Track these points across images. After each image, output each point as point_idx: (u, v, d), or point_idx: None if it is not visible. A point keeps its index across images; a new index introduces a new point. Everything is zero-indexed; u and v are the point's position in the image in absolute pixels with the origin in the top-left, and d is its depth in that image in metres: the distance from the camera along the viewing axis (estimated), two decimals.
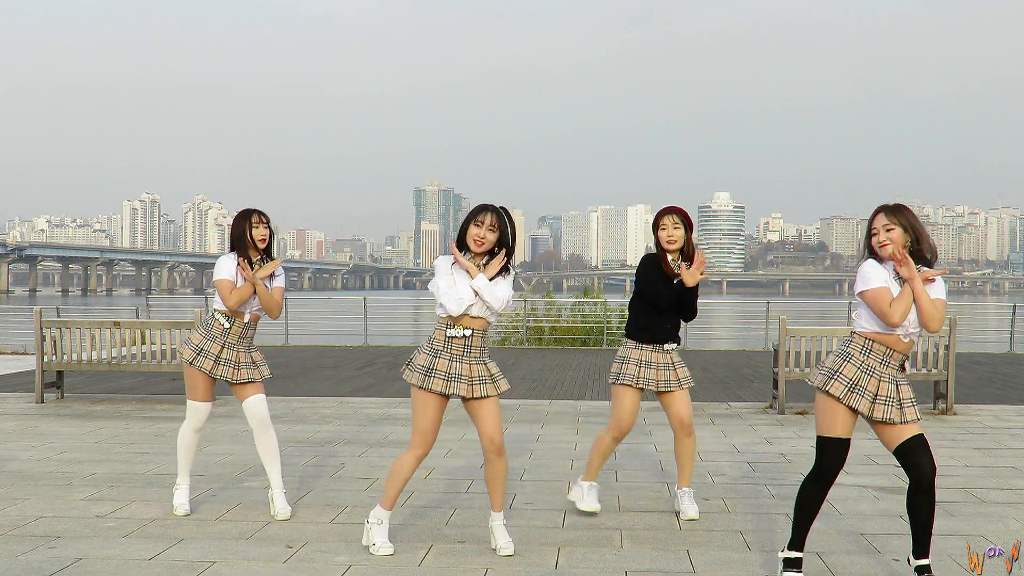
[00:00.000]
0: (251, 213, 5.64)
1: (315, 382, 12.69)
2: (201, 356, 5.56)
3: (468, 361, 4.76)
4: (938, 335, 10.06)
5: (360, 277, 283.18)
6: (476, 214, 4.77)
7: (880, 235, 4.27)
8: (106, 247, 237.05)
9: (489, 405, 4.81)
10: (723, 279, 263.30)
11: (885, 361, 4.26)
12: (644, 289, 5.47)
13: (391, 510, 4.92)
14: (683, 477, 5.66)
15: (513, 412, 9.85)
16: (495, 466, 4.85)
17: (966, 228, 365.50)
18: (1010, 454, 7.69)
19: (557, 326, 21.89)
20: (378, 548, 4.85)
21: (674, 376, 5.52)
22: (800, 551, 4.42)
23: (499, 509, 4.92)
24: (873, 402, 4.22)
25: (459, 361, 4.75)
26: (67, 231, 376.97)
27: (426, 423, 4.78)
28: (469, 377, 4.75)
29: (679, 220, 5.44)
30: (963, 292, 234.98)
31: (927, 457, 4.21)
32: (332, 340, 21.50)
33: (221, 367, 5.57)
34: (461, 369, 4.74)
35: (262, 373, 5.71)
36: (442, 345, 4.77)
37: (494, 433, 4.80)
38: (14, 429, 8.74)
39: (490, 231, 4.73)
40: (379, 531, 4.89)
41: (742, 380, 13.18)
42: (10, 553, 4.87)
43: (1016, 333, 19.60)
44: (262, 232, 5.62)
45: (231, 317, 5.61)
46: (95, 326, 10.72)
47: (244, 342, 5.67)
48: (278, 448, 5.79)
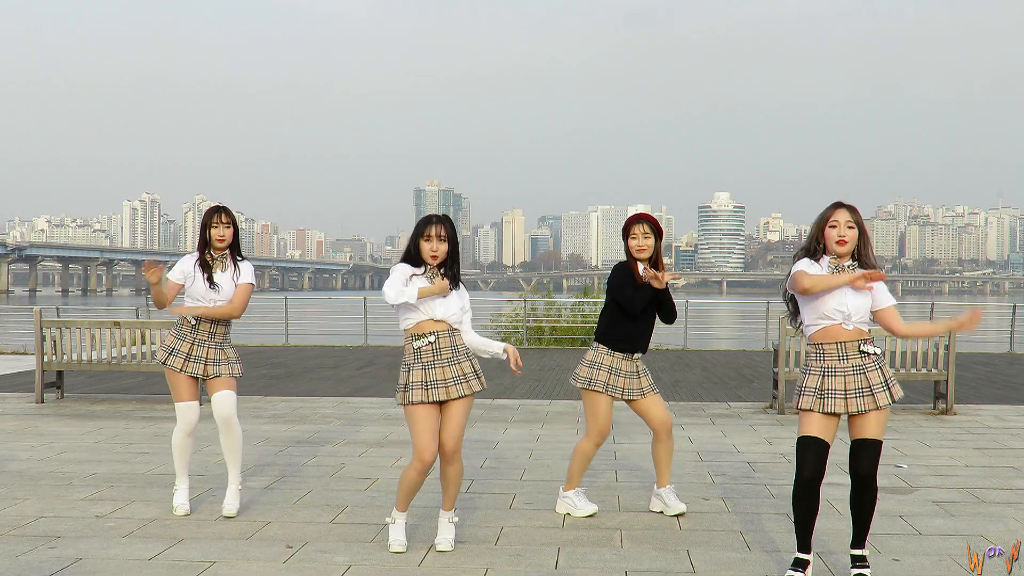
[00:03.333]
0: (213, 212, 5.67)
1: (315, 382, 12.69)
2: (172, 355, 5.60)
3: (441, 365, 4.80)
4: (938, 336, 10.06)
5: (360, 277, 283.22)
6: (423, 229, 4.82)
7: (841, 229, 4.41)
8: (106, 247, 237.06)
9: (456, 407, 4.85)
10: (723, 279, 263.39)
11: (842, 356, 4.37)
12: (617, 296, 5.47)
13: (404, 511, 4.97)
14: (663, 477, 5.69)
15: (513, 412, 9.85)
16: (447, 470, 4.93)
17: (966, 228, 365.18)
18: (1010, 454, 7.69)
19: (557, 326, 21.89)
20: (390, 545, 4.93)
21: (638, 384, 5.54)
22: (806, 553, 4.45)
23: (450, 508, 4.99)
24: (846, 399, 4.34)
25: (431, 368, 4.80)
26: (67, 231, 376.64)
27: (418, 436, 4.80)
28: (444, 380, 4.79)
29: (649, 229, 5.47)
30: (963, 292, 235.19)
31: (869, 461, 4.36)
32: (332, 340, 21.51)
33: (192, 364, 5.58)
34: (435, 375, 4.79)
35: (231, 369, 5.68)
36: (412, 359, 4.84)
37: (447, 440, 4.84)
38: (14, 429, 8.74)
39: (440, 241, 4.81)
40: (392, 529, 4.96)
41: (742, 380, 13.18)
42: (10, 553, 4.87)
43: (1016, 333, 19.60)
44: (220, 232, 5.62)
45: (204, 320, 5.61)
46: (95, 326, 10.72)
47: (214, 339, 5.65)
48: (240, 449, 5.76)
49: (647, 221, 5.50)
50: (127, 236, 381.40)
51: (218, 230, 5.60)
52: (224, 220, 5.62)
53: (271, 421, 9.22)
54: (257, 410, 9.89)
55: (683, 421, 9.31)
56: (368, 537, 5.18)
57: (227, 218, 5.64)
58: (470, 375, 4.86)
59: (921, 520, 5.57)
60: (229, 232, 5.63)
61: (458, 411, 4.85)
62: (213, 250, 5.64)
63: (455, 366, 4.83)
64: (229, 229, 5.63)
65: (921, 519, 5.60)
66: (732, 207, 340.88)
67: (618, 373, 5.48)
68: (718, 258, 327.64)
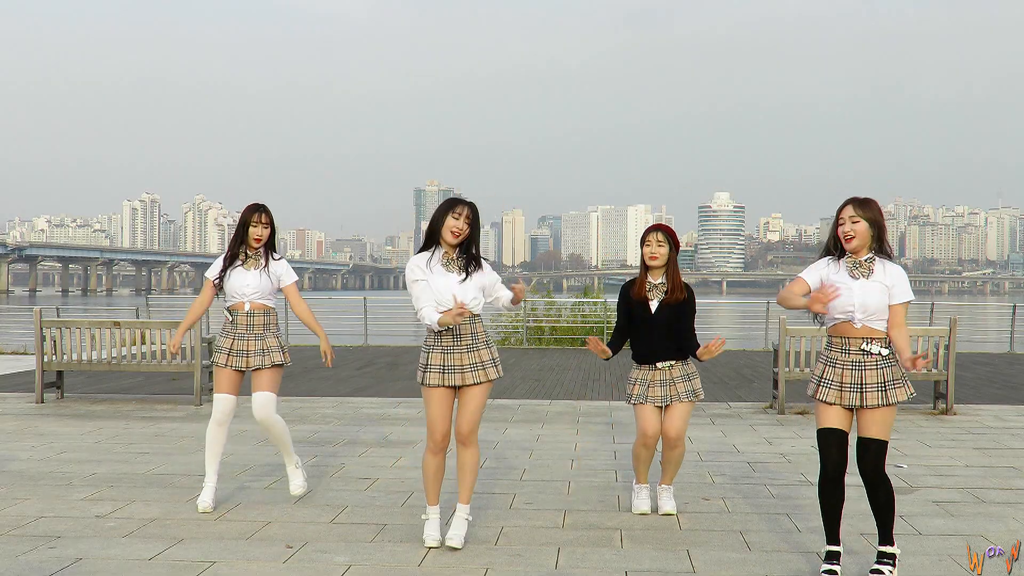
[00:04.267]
0: (253, 211, 5.87)
1: (315, 382, 12.69)
2: (217, 352, 5.86)
3: (460, 352, 4.88)
4: (938, 336, 10.06)
5: (360, 277, 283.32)
6: (452, 206, 4.90)
7: (847, 226, 4.46)
8: (106, 247, 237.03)
9: (473, 393, 4.93)
10: (723, 279, 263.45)
11: (844, 350, 4.46)
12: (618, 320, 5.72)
13: (434, 504, 5.03)
14: (666, 476, 5.78)
15: (513, 412, 9.85)
16: (461, 455, 5.01)
17: (966, 228, 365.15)
18: (1010, 454, 7.69)
19: (557, 326, 21.89)
20: (424, 539, 4.98)
21: (670, 391, 5.61)
22: (835, 545, 4.53)
23: (466, 501, 5.03)
24: (840, 390, 4.45)
25: (451, 353, 4.88)
26: (67, 231, 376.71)
27: (431, 417, 4.92)
28: (461, 367, 4.88)
29: (664, 238, 5.57)
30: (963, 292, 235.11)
31: (868, 460, 4.41)
32: (332, 340, 21.33)
33: (234, 358, 5.79)
34: (454, 360, 4.87)
35: (271, 359, 5.80)
36: (433, 341, 4.92)
37: (462, 423, 4.94)
38: (14, 429, 8.74)
39: (467, 223, 4.88)
40: (426, 525, 5.02)
41: (742, 380, 13.18)
42: (10, 553, 4.87)
43: (1016, 333, 19.60)
44: (259, 232, 5.83)
45: (234, 310, 5.82)
46: (95, 326, 10.72)
47: (253, 331, 5.82)
48: (284, 441, 5.96)
49: (663, 231, 5.61)
50: (127, 236, 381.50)
51: (256, 229, 5.84)
52: (263, 220, 5.86)
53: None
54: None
55: None
56: (368, 537, 5.18)
57: (266, 218, 5.88)
58: (487, 363, 4.93)
59: (921, 520, 5.57)
60: (267, 232, 5.86)
61: (475, 397, 4.92)
62: (249, 248, 5.85)
63: (474, 352, 4.91)
64: (267, 229, 5.87)
65: (921, 519, 5.60)
66: (732, 207, 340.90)
67: (646, 383, 5.62)
68: (718, 258, 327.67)
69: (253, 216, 5.84)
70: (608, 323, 21.31)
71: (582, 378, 13.44)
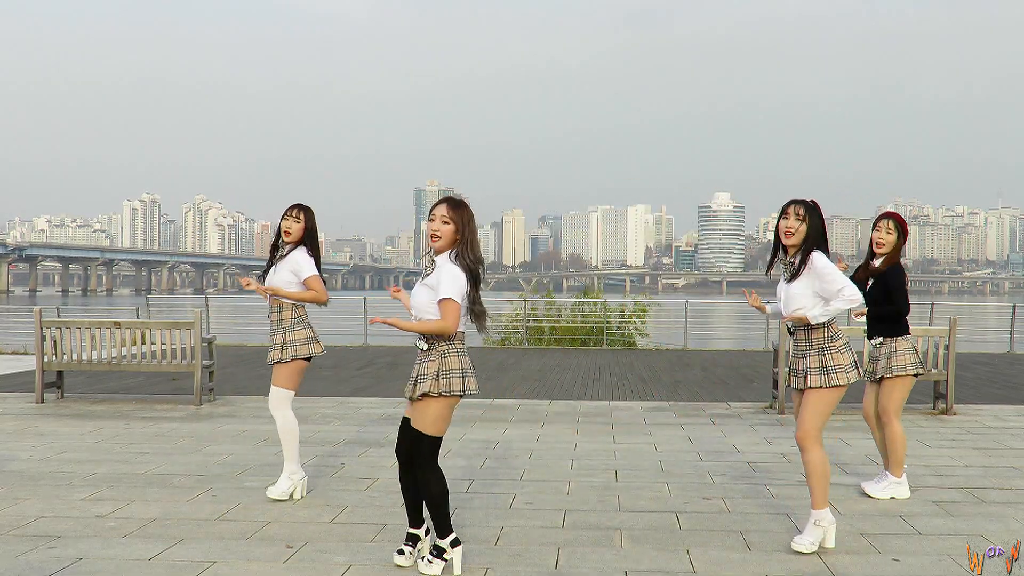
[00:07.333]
0: (290, 207, 6.11)
1: (315, 382, 12.69)
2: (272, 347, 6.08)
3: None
4: (938, 336, 10.06)
5: (360, 277, 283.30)
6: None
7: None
8: (106, 247, 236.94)
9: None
10: (723, 279, 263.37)
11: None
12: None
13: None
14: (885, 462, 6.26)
15: (513, 412, 9.86)
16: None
17: (966, 228, 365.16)
18: (1010, 454, 7.69)
19: (557, 326, 21.89)
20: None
21: (881, 365, 6.18)
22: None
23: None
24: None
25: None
26: (67, 231, 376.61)
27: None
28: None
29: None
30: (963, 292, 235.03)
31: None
32: (332, 340, 21.48)
33: (272, 352, 6.04)
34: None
35: (273, 356, 6.00)
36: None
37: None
38: (14, 429, 8.74)
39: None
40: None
41: (742, 380, 13.18)
42: (10, 553, 4.87)
43: (1016, 333, 19.60)
44: (287, 224, 6.03)
45: (270, 306, 6.08)
46: (95, 326, 10.72)
47: (271, 326, 6.09)
48: (285, 439, 6.08)
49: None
50: (127, 236, 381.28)
51: (286, 222, 6.04)
52: (294, 215, 6.04)
53: (271, 421, 9.20)
54: (257, 410, 9.89)
55: (683, 421, 9.31)
56: (368, 537, 5.18)
57: (298, 213, 6.04)
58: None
59: (921, 520, 5.57)
60: (296, 227, 6.03)
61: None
62: (282, 241, 6.04)
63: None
64: (298, 224, 6.03)
65: (921, 519, 5.60)
66: (732, 207, 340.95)
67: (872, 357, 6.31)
68: (718, 258, 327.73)
69: (288, 211, 6.05)
70: (609, 323, 21.30)
71: (582, 378, 13.44)
